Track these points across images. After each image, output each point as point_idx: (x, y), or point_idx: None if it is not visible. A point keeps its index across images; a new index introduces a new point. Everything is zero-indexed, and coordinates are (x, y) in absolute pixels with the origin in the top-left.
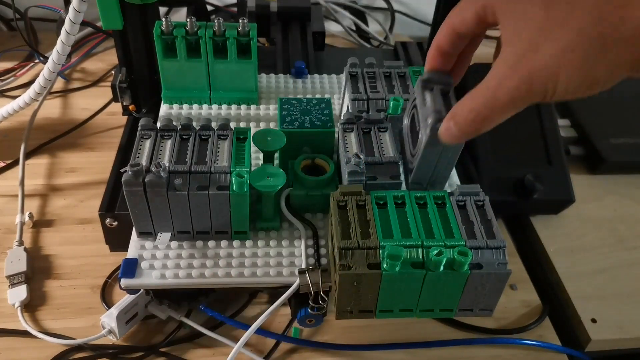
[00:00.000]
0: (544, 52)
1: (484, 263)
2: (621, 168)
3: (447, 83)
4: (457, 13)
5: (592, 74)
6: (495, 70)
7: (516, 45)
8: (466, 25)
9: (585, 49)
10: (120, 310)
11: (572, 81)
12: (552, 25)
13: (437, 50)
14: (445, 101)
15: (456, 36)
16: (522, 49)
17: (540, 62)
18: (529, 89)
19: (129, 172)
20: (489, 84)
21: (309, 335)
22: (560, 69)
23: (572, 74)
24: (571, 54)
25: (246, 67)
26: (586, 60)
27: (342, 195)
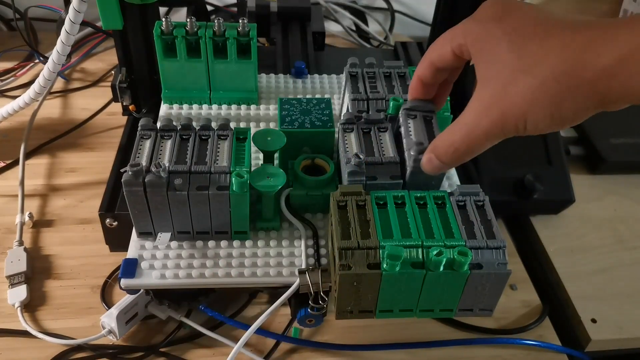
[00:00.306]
0: (515, 94)
1: (484, 263)
2: (621, 168)
3: (429, 110)
4: (435, 49)
5: (559, 113)
6: (471, 107)
7: (490, 86)
8: (444, 61)
9: (551, 91)
10: (120, 310)
11: (540, 120)
12: (523, 69)
13: (418, 81)
14: (428, 128)
15: (435, 70)
16: (495, 89)
17: (511, 103)
18: (502, 127)
19: (129, 172)
20: (466, 120)
21: (309, 335)
22: (529, 110)
23: (540, 114)
24: (539, 96)
25: (246, 67)
26: (553, 101)
27: (342, 195)
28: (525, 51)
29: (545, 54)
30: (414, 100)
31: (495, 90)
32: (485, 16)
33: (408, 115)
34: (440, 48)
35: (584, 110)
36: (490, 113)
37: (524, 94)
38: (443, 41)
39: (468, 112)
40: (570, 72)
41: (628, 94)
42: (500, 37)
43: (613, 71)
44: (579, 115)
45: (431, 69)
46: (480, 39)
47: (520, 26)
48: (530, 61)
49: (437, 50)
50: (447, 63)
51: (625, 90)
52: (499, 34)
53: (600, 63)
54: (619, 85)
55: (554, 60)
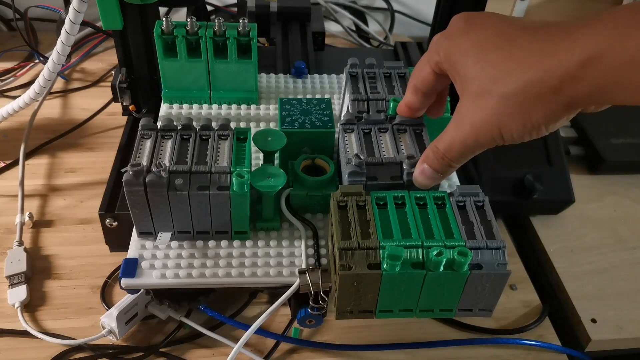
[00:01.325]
0: (484, 107)
1: (484, 263)
2: (621, 168)
3: (418, 124)
4: (416, 74)
5: (530, 122)
6: (452, 119)
7: (463, 99)
8: (427, 83)
9: (518, 101)
10: (120, 310)
11: (514, 130)
12: (489, 80)
13: (407, 106)
14: (419, 141)
15: (422, 95)
16: (467, 102)
17: (482, 116)
18: (476, 139)
19: (130, 172)
20: (448, 131)
21: (308, 336)
22: (500, 121)
23: (512, 124)
24: (507, 107)
25: (246, 67)
26: (521, 111)
27: (342, 195)
28: (490, 63)
29: (509, 64)
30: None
31: (467, 103)
32: (454, 30)
33: (398, 129)
34: (421, 71)
35: (555, 115)
36: (464, 126)
37: (492, 107)
38: (422, 64)
39: (451, 123)
40: (535, 80)
41: (596, 97)
42: (468, 50)
43: (576, 76)
44: (552, 121)
45: (417, 94)
46: (450, 53)
47: (484, 38)
48: (495, 72)
49: (418, 74)
50: (431, 85)
51: (592, 93)
52: (466, 47)
53: (562, 69)
54: (585, 89)
55: (518, 70)
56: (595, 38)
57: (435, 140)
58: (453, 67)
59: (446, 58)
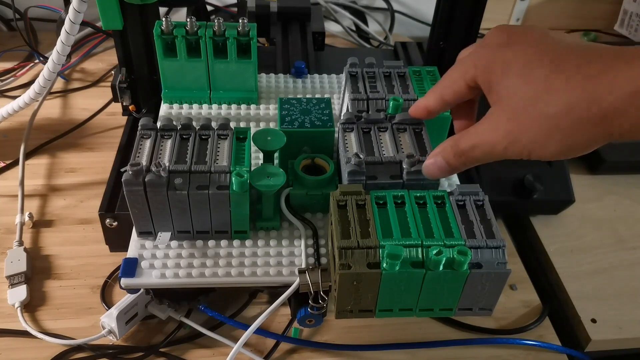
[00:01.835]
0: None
1: (484, 262)
2: (621, 168)
3: (418, 123)
4: (447, 85)
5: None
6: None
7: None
8: (458, 96)
9: (560, 124)
10: (120, 310)
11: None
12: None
13: (424, 110)
14: (419, 140)
15: (446, 104)
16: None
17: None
18: (505, 150)
19: (129, 172)
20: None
21: (308, 335)
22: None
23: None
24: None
25: (246, 67)
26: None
27: (342, 194)
28: (534, 78)
29: (555, 85)
30: (404, 114)
31: (504, 114)
32: (494, 43)
33: (398, 129)
34: (453, 84)
35: (594, 142)
36: (497, 133)
37: (530, 124)
38: (455, 76)
39: (481, 126)
40: (580, 106)
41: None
42: (510, 63)
43: (623, 108)
44: (589, 146)
45: (442, 103)
46: (491, 66)
47: (530, 52)
48: (541, 91)
49: (450, 86)
50: (462, 97)
51: (635, 126)
52: (509, 61)
53: (610, 99)
54: (629, 121)
55: (564, 93)
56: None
57: (458, 136)
58: (491, 79)
59: (485, 70)
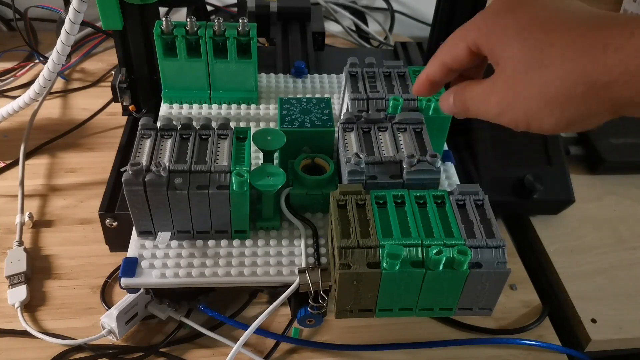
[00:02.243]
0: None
1: (484, 262)
2: (621, 168)
3: (418, 122)
4: (448, 49)
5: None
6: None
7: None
8: (459, 60)
9: (561, 92)
10: (120, 310)
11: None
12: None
13: (426, 81)
14: (419, 140)
15: (448, 70)
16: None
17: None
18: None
19: (129, 172)
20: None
21: (308, 335)
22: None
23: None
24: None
25: (246, 67)
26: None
27: (342, 194)
28: (538, 47)
29: (559, 52)
30: (403, 114)
31: (504, 80)
32: (498, 8)
33: (398, 128)
34: (454, 48)
35: (596, 116)
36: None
37: (528, 91)
38: (456, 40)
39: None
40: (587, 73)
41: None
42: (513, 29)
43: (629, 78)
44: (590, 120)
45: (443, 69)
46: (492, 30)
47: (534, 19)
48: (543, 58)
49: (451, 51)
50: (462, 63)
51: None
52: (512, 26)
53: (616, 68)
54: (632, 91)
55: (567, 61)
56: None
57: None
58: (492, 43)
59: (487, 35)
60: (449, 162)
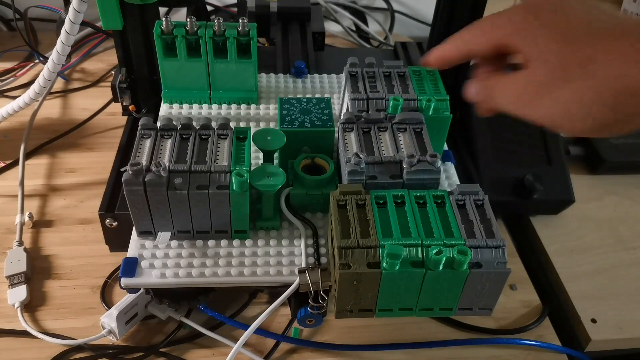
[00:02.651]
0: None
1: (484, 262)
2: (621, 168)
3: (418, 122)
4: (471, 38)
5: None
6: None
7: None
8: (480, 52)
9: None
10: (120, 310)
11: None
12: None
13: (441, 56)
14: (419, 140)
15: (465, 56)
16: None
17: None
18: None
19: (129, 172)
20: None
21: (308, 335)
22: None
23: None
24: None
25: (246, 67)
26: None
27: (342, 194)
28: (572, 52)
29: (593, 60)
30: (403, 114)
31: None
32: (532, 8)
33: (398, 128)
34: (479, 37)
35: (629, 120)
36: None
37: (571, 97)
38: (483, 31)
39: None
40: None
41: None
42: (549, 32)
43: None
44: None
45: (460, 53)
46: (525, 30)
47: (567, 23)
48: (577, 64)
49: (474, 39)
50: (482, 53)
51: None
52: (548, 29)
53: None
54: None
55: (602, 68)
56: None
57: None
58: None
59: (519, 32)
60: (449, 162)
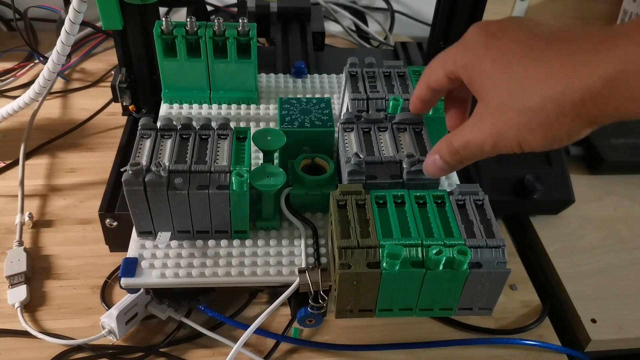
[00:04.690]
0: (507, 118)
1: (484, 262)
2: (621, 168)
3: (418, 122)
4: (430, 74)
5: (551, 136)
6: (471, 120)
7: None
8: (440, 85)
9: (541, 116)
10: (120, 310)
11: (534, 142)
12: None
13: (418, 100)
14: (419, 140)
15: (433, 91)
16: (488, 112)
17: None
18: (494, 146)
19: (129, 172)
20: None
21: (308, 336)
22: (520, 134)
23: (533, 137)
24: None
25: (246, 67)
26: (543, 125)
27: (342, 194)
28: (513, 77)
29: (532, 78)
30: (402, 114)
31: (489, 111)
32: (473, 43)
33: (398, 129)
34: (435, 73)
35: (576, 131)
36: (484, 131)
37: (513, 119)
38: (436, 66)
39: (469, 123)
40: (558, 96)
41: (619, 114)
42: (488, 63)
43: (601, 94)
44: (573, 135)
45: (428, 90)
46: (469, 65)
47: (506, 51)
48: (518, 87)
49: (432, 76)
50: (443, 86)
51: (615, 111)
52: (487, 60)
53: (586, 88)
54: (609, 108)
55: (541, 85)
56: (618, 57)
57: (451, 134)
58: (471, 78)
59: (464, 69)
60: None
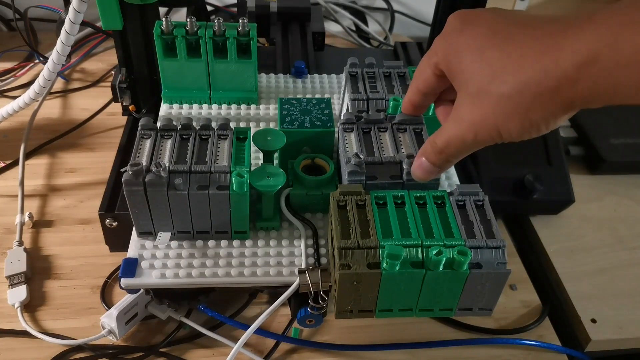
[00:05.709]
0: (483, 106)
1: (484, 262)
2: (621, 168)
3: (418, 123)
4: (418, 76)
5: (529, 122)
6: (451, 116)
7: (461, 98)
8: (429, 85)
9: (515, 102)
10: (120, 310)
11: (512, 129)
12: (487, 80)
13: (410, 103)
14: (419, 140)
15: (423, 95)
16: (465, 101)
17: (481, 115)
18: (475, 137)
19: (129, 172)
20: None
21: (308, 336)
22: (498, 121)
23: (510, 124)
24: (504, 107)
25: (246, 67)
26: (519, 111)
27: (342, 195)
28: (486, 62)
29: (506, 63)
30: (402, 114)
31: (465, 102)
32: (449, 30)
33: (398, 129)
34: (422, 73)
35: (553, 116)
36: (462, 124)
37: (490, 106)
38: (423, 66)
39: (449, 119)
40: (532, 80)
41: (596, 98)
42: (463, 49)
43: (574, 77)
44: (551, 120)
45: (419, 94)
46: (447, 53)
47: (480, 35)
48: (492, 71)
49: (420, 76)
50: (433, 86)
51: (591, 94)
52: (462, 47)
53: (559, 70)
54: (583, 90)
55: (515, 70)
56: (589, 39)
57: (434, 135)
58: (450, 67)
59: (443, 59)
60: None
